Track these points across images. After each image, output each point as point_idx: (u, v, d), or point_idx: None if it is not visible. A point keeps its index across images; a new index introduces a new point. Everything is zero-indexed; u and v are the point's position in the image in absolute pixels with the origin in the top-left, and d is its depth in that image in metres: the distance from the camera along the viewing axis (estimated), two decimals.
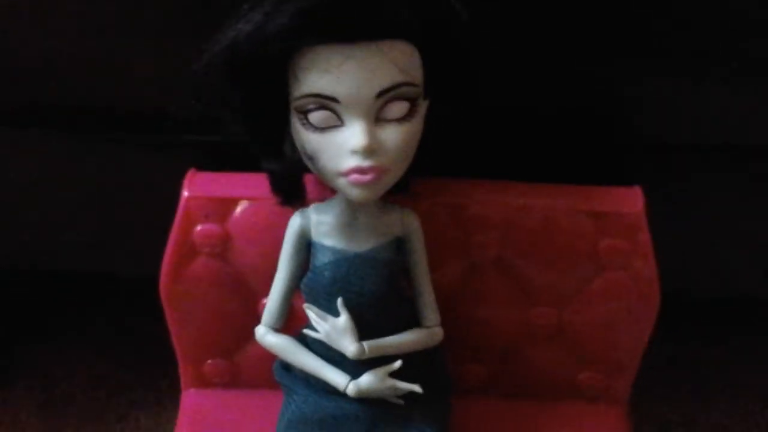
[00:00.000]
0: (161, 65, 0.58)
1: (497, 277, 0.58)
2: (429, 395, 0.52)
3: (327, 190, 0.52)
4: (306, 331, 0.52)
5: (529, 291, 0.59)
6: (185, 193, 0.56)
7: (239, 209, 0.56)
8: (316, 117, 0.47)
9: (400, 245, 0.52)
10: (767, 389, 0.76)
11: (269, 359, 0.55)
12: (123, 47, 0.59)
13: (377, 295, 0.51)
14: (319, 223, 0.52)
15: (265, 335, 0.53)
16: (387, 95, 0.46)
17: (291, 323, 0.54)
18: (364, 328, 0.50)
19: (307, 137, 0.48)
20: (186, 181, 0.57)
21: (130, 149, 0.65)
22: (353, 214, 0.51)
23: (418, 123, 0.48)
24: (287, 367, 0.54)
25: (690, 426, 0.74)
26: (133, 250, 0.70)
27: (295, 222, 0.52)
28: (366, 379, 0.51)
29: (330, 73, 0.46)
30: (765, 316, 0.79)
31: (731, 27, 0.58)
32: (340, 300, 0.50)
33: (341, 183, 0.48)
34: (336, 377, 0.51)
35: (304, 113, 0.47)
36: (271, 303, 0.53)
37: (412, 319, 0.53)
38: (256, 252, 0.56)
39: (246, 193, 0.56)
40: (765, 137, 0.63)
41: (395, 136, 0.47)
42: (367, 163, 0.47)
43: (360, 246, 0.51)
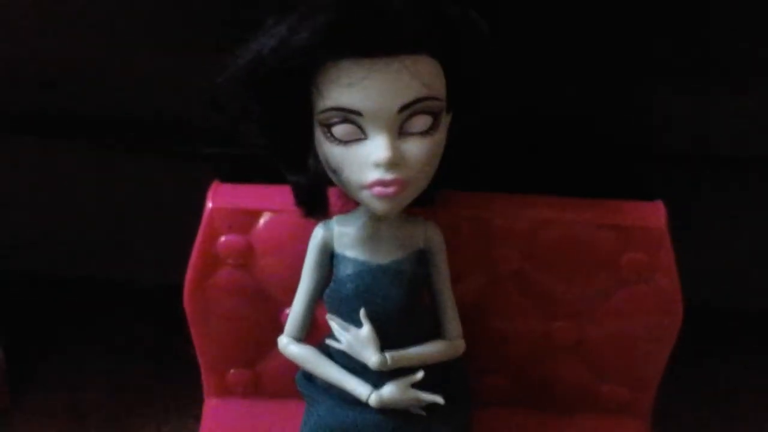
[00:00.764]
0: (185, 77, 0.59)
1: (519, 290, 0.59)
2: (450, 407, 0.52)
3: (350, 202, 0.52)
4: (329, 342, 0.52)
5: (551, 304, 0.59)
6: (209, 205, 0.57)
7: (263, 221, 0.57)
8: (339, 130, 0.47)
9: (422, 257, 0.53)
10: None
11: (292, 369, 0.55)
12: (147, 59, 0.60)
13: (399, 307, 0.51)
14: (342, 235, 0.52)
15: (288, 345, 0.53)
16: (410, 109, 0.47)
17: (314, 334, 0.54)
18: (386, 339, 0.51)
19: (331, 150, 0.48)
20: (210, 193, 0.57)
21: (151, 160, 0.66)
22: (376, 226, 0.51)
23: (440, 136, 0.49)
24: (310, 377, 0.54)
25: None
26: (153, 259, 0.70)
27: (318, 234, 0.52)
28: (388, 390, 0.51)
29: (353, 87, 0.46)
30: None
31: (755, 38, 0.58)
32: (362, 311, 0.50)
33: (364, 195, 0.48)
34: (358, 387, 0.51)
35: (327, 126, 0.48)
36: (294, 313, 0.53)
37: (434, 331, 0.53)
38: (279, 263, 0.57)
39: (269, 205, 0.57)
40: None
41: (418, 149, 0.48)
42: (390, 176, 0.47)
43: (383, 258, 0.51)
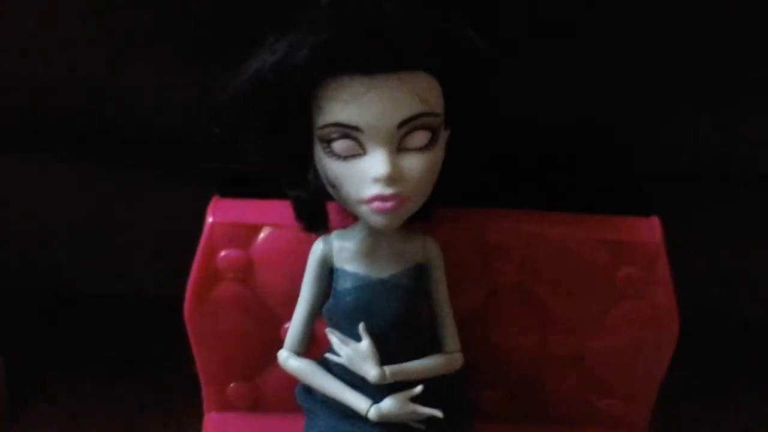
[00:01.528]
0: (186, 92, 0.59)
1: (516, 305, 0.59)
2: (449, 421, 0.52)
3: (349, 217, 0.53)
4: (328, 356, 0.52)
5: (548, 318, 0.59)
6: (210, 219, 0.57)
7: (262, 235, 0.57)
8: (339, 146, 0.48)
9: (421, 272, 0.53)
10: None
11: (291, 383, 0.55)
12: (147, 74, 0.60)
13: (398, 321, 0.51)
14: (342, 249, 0.52)
15: (288, 359, 0.54)
16: (409, 125, 0.47)
17: (313, 348, 0.54)
18: (385, 353, 0.51)
19: (331, 165, 0.48)
20: (210, 208, 0.58)
21: (152, 175, 0.66)
22: (375, 240, 0.52)
23: (439, 152, 0.49)
24: (309, 391, 0.55)
25: None
26: (153, 273, 0.70)
27: (318, 248, 0.53)
28: (387, 404, 0.51)
29: (353, 103, 0.47)
30: None
31: (752, 56, 0.58)
32: (361, 325, 0.51)
33: (364, 210, 0.49)
34: (357, 401, 0.51)
35: (327, 142, 0.48)
36: (294, 327, 0.54)
37: (432, 345, 0.54)
38: (278, 277, 0.57)
39: (269, 220, 0.57)
40: None
41: (417, 164, 0.48)
42: (389, 191, 0.47)
43: (382, 272, 0.52)
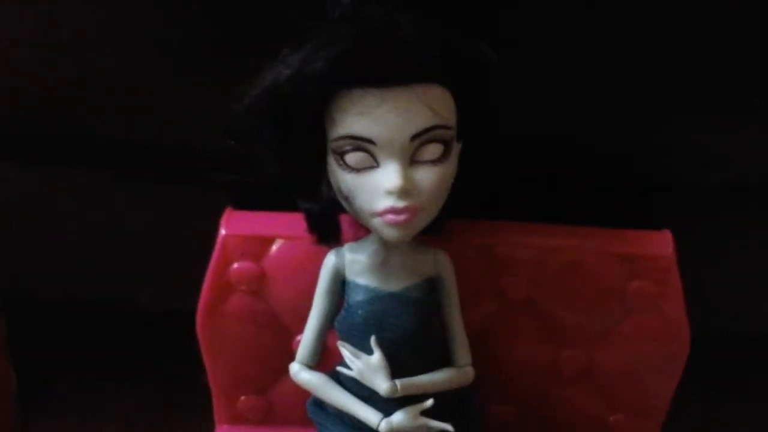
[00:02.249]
0: (199, 104, 0.60)
1: (527, 318, 0.59)
2: None
3: (361, 229, 0.53)
4: (339, 369, 0.52)
5: (558, 332, 0.59)
6: (222, 232, 0.57)
7: (275, 248, 0.57)
8: (352, 158, 0.48)
9: (432, 285, 0.53)
10: None
11: (303, 396, 0.55)
12: (159, 85, 0.60)
13: (410, 334, 0.51)
14: (354, 262, 0.52)
15: (299, 372, 0.54)
16: (422, 138, 0.47)
17: (325, 361, 0.54)
18: (396, 366, 0.51)
19: (344, 178, 0.49)
20: (223, 220, 0.58)
21: (164, 187, 0.67)
22: (387, 253, 0.52)
23: (451, 165, 0.49)
24: (320, 404, 0.55)
25: None
26: (166, 286, 0.70)
27: (330, 261, 0.53)
28: (398, 417, 0.51)
29: (366, 116, 0.47)
30: None
31: (761, 66, 0.59)
32: (373, 338, 0.51)
33: (376, 223, 0.49)
34: (368, 415, 0.51)
35: (340, 154, 0.48)
36: (306, 340, 0.54)
37: (443, 359, 0.54)
38: (291, 290, 0.57)
39: (282, 232, 0.57)
40: None
41: (429, 177, 0.48)
42: (402, 204, 0.48)
43: (393, 285, 0.52)
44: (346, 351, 0.51)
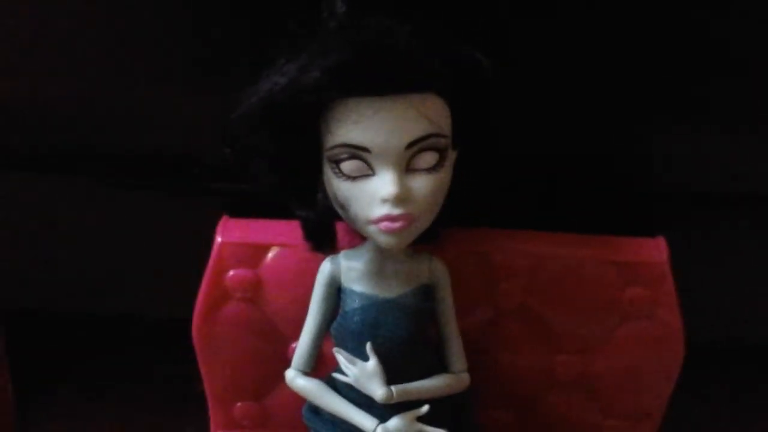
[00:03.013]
0: (195, 112, 0.60)
1: (522, 325, 0.59)
2: None
3: (357, 237, 0.53)
4: (335, 375, 0.52)
5: (554, 339, 0.59)
6: (218, 239, 0.57)
7: (271, 255, 0.58)
8: (347, 166, 0.48)
9: (428, 292, 0.53)
10: None
11: (299, 402, 0.55)
12: (156, 94, 0.61)
13: (405, 341, 0.51)
14: (349, 269, 0.53)
15: (295, 378, 0.54)
16: (417, 146, 0.48)
17: (321, 367, 0.54)
18: (392, 372, 0.51)
19: (339, 186, 0.49)
20: (219, 228, 0.58)
21: (160, 195, 0.67)
22: (382, 260, 0.52)
23: (446, 173, 0.50)
24: (316, 411, 0.55)
25: None
26: (162, 293, 0.70)
27: (326, 268, 0.53)
28: (394, 423, 0.51)
29: (361, 125, 0.47)
30: None
31: (758, 76, 0.59)
32: (368, 344, 0.51)
33: (372, 230, 0.49)
34: (364, 421, 0.51)
35: (336, 162, 0.48)
36: (301, 347, 0.54)
37: (439, 365, 0.54)
38: (287, 297, 0.57)
39: (278, 240, 0.57)
40: None
41: (425, 185, 0.48)
42: (397, 212, 0.48)
43: (389, 292, 0.52)
44: (341, 357, 0.52)
